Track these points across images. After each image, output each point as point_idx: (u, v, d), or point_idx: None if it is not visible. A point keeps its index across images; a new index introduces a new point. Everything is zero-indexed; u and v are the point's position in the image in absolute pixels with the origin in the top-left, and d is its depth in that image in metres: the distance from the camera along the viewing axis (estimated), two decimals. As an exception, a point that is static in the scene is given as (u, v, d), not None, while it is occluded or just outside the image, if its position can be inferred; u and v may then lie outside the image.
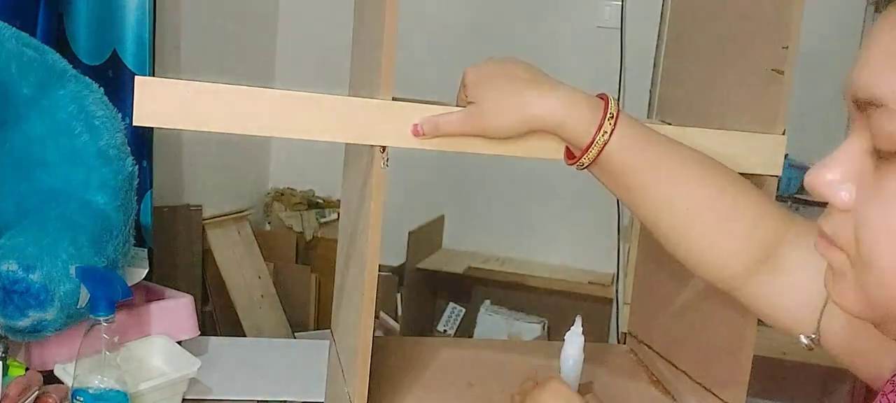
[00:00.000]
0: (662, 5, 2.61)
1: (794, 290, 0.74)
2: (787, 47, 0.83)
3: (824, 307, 0.71)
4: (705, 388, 0.99)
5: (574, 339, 0.98)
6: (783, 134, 0.86)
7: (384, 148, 0.79)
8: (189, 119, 0.75)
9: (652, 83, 2.68)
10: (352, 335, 0.88)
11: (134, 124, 0.74)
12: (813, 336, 0.71)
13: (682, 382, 1.04)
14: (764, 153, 0.87)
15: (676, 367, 1.06)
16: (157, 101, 0.74)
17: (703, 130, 0.88)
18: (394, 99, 0.79)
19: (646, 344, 1.16)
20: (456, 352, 1.12)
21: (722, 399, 0.96)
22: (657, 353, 1.12)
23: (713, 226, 0.77)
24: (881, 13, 0.49)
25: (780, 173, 0.88)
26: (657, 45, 2.68)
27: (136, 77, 0.74)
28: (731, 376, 0.94)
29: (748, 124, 0.88)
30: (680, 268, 0.83)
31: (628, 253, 2.51)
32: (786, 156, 0.88)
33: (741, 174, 0.83)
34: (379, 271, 0.84)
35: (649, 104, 2.67)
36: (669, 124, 0.95)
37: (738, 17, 0.92)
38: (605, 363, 1.12)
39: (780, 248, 0.76)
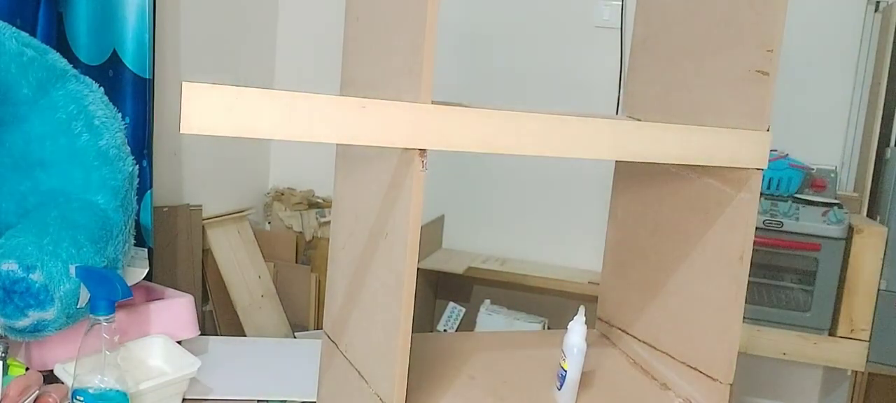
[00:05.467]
0: (662, 5, 2.61)
1: None
2: (771, 50, 0.86)
3: None
4: (690, 367, 1.01)
5: (577, 328, 0.98)
6: (768, 130, 0.89)
7: (423, 150, 0.79)
8: (236, 126, 0.73)
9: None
10: (378, 338, 0.88)
11: (181, 132, 0.72)
12: None
13: (665, 362, 1.05)
14: (750, 148, 0.89)
15: (656, 349, 1.08)
16: (204, 108, 0.71)
17: (699, 127, 0.90)
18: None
19: (619, 329, 1.17)
20: (457, 346, 1.13)
21: (711, 376, 0.97)
22: (634, 337, 1.14)
23: None
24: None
25: (765, 166, 0.91)
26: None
27: (183, 83, 0.71)
28: (719, 353, 0.96)
29: (732, 122, 0.91)
30: (654, 254, 0.84)
31: (628, 252, 2.51)
32: (786, 155, 0.90)
33: (728, 168, 0.85)
34: (379, 271, 0.84)
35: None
36: (639, 120, 0.97)
37: (714, 21, 0.94)
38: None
39: None
